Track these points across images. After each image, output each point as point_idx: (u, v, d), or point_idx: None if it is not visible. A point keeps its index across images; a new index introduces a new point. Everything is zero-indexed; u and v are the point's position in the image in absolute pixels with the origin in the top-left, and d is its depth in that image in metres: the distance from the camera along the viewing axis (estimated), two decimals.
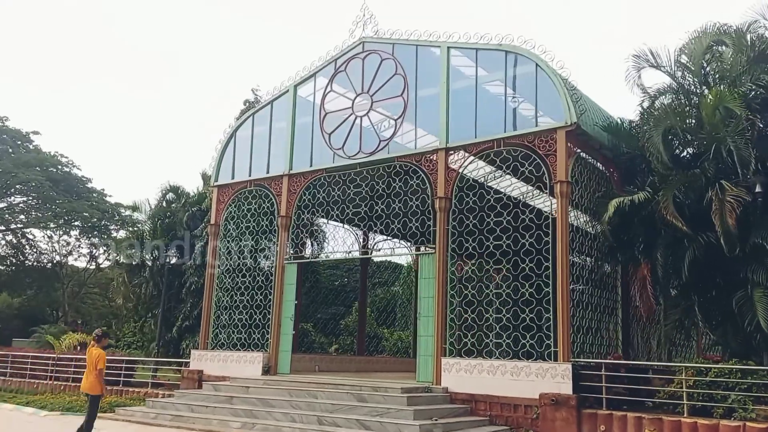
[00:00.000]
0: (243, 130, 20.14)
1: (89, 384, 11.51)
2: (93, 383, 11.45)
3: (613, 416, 12.14)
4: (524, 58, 14.76)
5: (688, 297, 13.05)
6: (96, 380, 11.40)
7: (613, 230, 13.69)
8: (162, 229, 23.09)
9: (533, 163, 14.29)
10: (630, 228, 13.82)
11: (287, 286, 17.92)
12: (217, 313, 19.20)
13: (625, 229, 13.73)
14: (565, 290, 13.19)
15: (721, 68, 13.64)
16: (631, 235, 13.65)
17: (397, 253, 23.28)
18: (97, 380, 11.38)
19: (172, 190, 24.73)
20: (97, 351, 11.54)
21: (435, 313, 14.81)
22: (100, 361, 11.36)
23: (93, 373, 11.41)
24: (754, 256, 12.28)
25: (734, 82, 12.97)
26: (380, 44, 17.40)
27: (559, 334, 13.13)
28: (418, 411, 12.58)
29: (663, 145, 12.68)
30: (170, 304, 21.82)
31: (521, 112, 15.06)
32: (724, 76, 13.49)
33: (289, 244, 18.13)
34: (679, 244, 12.53)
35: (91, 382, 11.47)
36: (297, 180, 18.21)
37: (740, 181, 12.20)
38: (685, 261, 12.22)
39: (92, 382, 11.45)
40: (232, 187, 19.79)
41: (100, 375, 11.43)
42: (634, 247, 13.68)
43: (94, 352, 11.57)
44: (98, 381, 11.41)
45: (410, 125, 16.51)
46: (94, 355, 11.49)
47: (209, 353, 18.73)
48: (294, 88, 18.97)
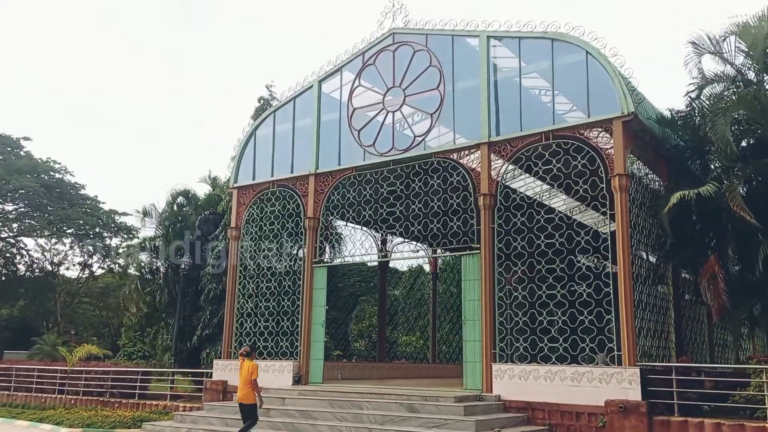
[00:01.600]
0: (263, 129, 19.24)
1: (245, 395, 12.06)
2: (248, 393, 12.02)
3: (688, 423, 11.39)
4: (573, 45, 14.03)
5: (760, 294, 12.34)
6: (251, 391, 11.99)
7: (671, 226, 12.96)
8: (174, 235, 22.06)
9: (586, 156, 13.55)
10: (689, 223, 13.11)
11: (317, 291, 17.03)
12: (240, 320, 18.26)
13: (682, 225, 13.01)
14: (627, 290, 12.46)
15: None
16: (693, 230, 12.92)
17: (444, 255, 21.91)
18: (252, 391, 11.99)
19: (183, 194, 23.70)
20: (249, 363, 12.17)
21: (482, 316, 14.00)
22: (254, 371, 12.01)
23: (248, 384, 12.00)
24: None
25: None
26: (412, 35, 16.60)
27: (622, 337, 12.38)
28: (480, 422, 11.76)
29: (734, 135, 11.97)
30: (185, 312, 20.79)
31: (569, 103, 14.33)
32: None
33: (317, 246, 17.25)
34: (752, 238, 11.83)
35: (246, 393, 12.04)
36: (324, 179, 17.34)
37: None
38: (760, 256, 11.50)
39: (248, 392, 12.02)
40: (253, 188, 18.86)
41: (255, 385, 12.04)
42: (698, 242, 12.95)
43: (246, 364, 12.17)
44: (254, 391, 12.03)
45: (448, 119, 15.71)
46: (246, 367, 12.10)
47: (234, 363, 17.70)
48: (318, 83, 18.11)
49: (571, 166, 13.73)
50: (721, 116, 12.28)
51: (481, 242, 14.32)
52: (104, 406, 19.04)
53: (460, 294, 27.13)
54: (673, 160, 14.75)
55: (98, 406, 19.18)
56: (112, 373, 20.42)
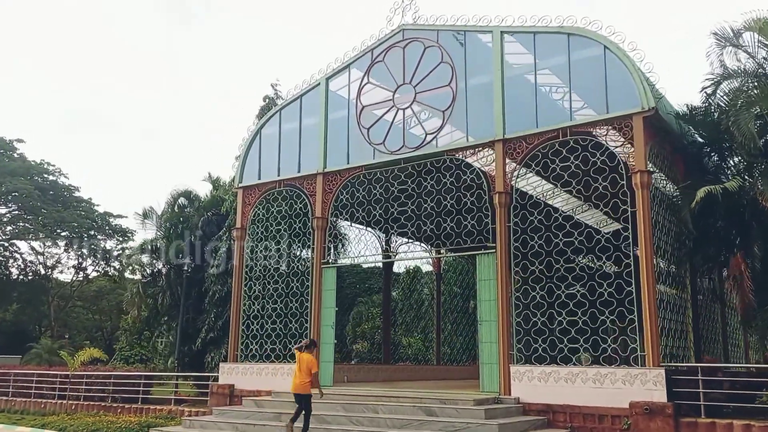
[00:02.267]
0: (269, 128, 18.87)
1: (301, 385, 12.07)
2: (305, 384, 12.05)
3: (716, 425, 11.12)
4: (590, 40, 13.76)
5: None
6: (308, 382, 12.06)
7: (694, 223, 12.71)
8: (176, 236, 21.62)
9: (605, 153, 13.28)
10: (710, 220, 12.86)
11: (326, 292, 16.67)
12: (246, 322, 17.87)
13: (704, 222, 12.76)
14: (651, 289, 12.17)
15: None
16: (715, 228, 12.67)
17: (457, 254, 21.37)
18: (309, 382, 12.06)
19: (184, 195, 23.26)
20: (308, 356, 12.22)
21: (498, 317, 13.71)
22: (313, 365, 12.12)
23: (309, 376, 12.06)
24: None
25: None
26: (423, 31, 16.29)
27: (646, 337, 12.10)
28: (502, 425, 11.45)
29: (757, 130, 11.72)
30: (188, 314, 20.36)
31: (585, 99, 14.06)
32: None
33: (326, 246, 16.90)
34: None
35: (302, 383, 12.06)
36: (333, 178, 17.00)
37: None
38: None
39: (305, 383, 12.05)
40: (258, 188, 18.49)
41: (316, 378, 12.16)
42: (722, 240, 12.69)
43: (305, 357, 12.20)
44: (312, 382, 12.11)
45: (460, 117, 15.39)
46: (306, 360, 12.15)
47: (241, 366, 17.39)
48: (326, 81, 17.77)
49: (589, 163, 13.45)
50: (745, 111, 12.04)
51: (497, 241, 14.02)
52: (107, 412, 18.62)
53: (463, 294, 27.25)
54: (689, 157, 14.51)
55: (101, 411, 18.76)
56: (114, 377, 19.97)
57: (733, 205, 12.30)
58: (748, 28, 14.10)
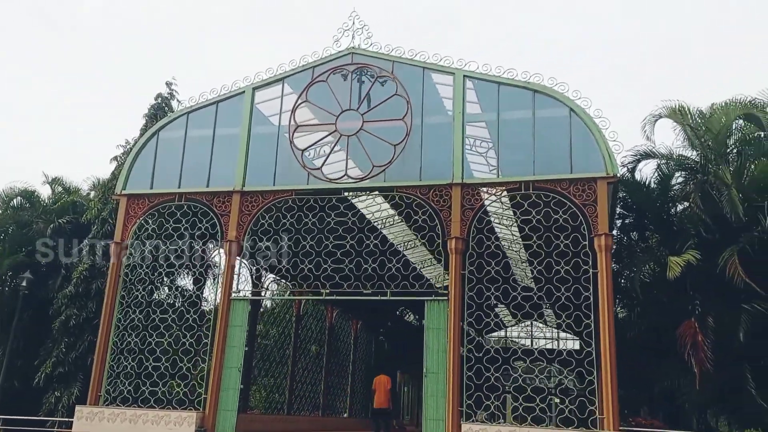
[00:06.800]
0: (170, 131, 16.30)
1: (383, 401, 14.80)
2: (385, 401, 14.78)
3: None
4: (555, 100, 13.99)
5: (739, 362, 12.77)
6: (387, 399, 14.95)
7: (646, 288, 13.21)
8: (11, 245, 17.42)
9: (568, 212, 13.35)
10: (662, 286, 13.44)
11: (233, 328, 14.38)
12: (118, 357, 14.73)
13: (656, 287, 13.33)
14: (611, 350, 12.22)
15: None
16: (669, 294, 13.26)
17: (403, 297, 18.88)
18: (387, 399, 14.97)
19: (23, 195, 18.94)
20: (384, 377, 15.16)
21: (448, 369, 12.83)
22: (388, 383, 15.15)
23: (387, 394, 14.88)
24: None
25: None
26: (376, 59, 15.36)
27: (605, 400, 12.03)
28: None
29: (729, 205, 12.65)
30: (21, 342, 16.26)
31: (549, 155, 14.14)
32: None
33: (237, 275, 14.72)
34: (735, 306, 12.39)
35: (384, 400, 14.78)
36: (253, 199, 14.99)
37: None
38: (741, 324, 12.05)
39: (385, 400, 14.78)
40: (150, 198, 15.70)
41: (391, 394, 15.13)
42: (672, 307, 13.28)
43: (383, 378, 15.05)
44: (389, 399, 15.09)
45: (413, 153, 14.54)
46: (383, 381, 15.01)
47: (107, 411, 14.15)
48: (252, 90, 15.90)
49: (552, 220, 13.41)
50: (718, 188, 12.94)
51: (450, 288, 13.26)
52: None
53: (316, 339, 25.61)
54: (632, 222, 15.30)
55: None
56: None
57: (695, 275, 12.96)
58: (666, 115, 15.56)
